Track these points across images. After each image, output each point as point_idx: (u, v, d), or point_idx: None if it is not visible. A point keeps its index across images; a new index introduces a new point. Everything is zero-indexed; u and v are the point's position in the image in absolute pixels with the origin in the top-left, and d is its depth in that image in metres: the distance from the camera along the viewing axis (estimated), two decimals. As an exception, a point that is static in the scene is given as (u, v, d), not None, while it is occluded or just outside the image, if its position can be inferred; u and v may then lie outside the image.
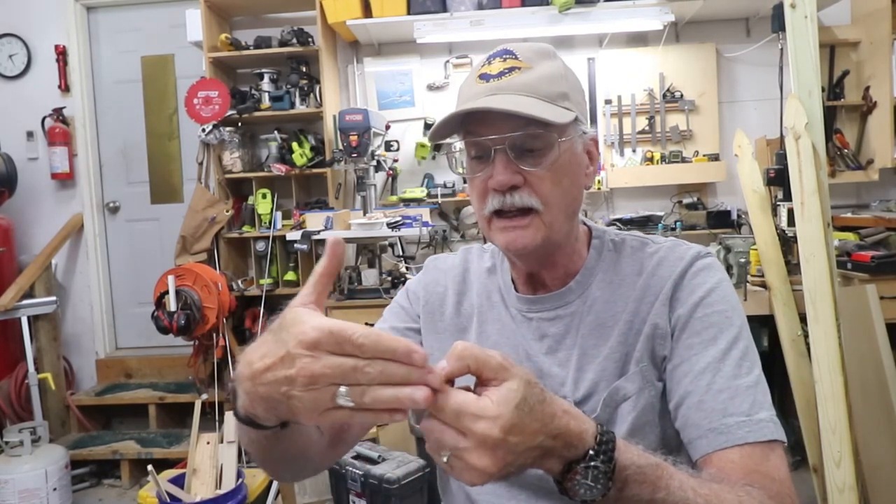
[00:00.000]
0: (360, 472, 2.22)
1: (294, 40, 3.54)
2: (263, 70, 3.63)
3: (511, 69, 0.82)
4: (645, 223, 3.48)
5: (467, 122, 0.83)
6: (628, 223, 3.51)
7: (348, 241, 3.47)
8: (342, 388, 0.54)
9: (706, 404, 0.78)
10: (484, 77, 0.83)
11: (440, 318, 0.99)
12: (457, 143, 0.87)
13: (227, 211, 3.60)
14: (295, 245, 3.31)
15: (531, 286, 0.93)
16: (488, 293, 0.97)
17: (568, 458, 0.60)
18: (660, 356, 0.84)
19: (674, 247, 0.90)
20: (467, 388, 0.58)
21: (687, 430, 0.79)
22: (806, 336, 2.50)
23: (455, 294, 0.99)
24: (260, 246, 3.60)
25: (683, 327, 0.83)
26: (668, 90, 3.60)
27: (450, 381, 0.57)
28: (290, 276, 3.65)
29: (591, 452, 0.60)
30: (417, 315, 1.01)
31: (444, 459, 0.57)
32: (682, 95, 3.59)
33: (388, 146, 3.58)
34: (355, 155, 3.18)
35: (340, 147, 3.26)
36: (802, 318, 2.45)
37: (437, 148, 3.64)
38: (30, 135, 3.95)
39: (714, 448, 0.76)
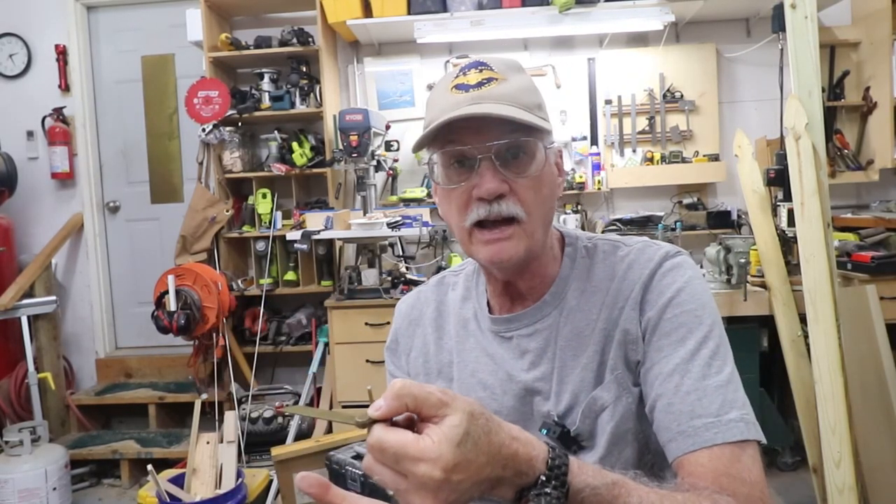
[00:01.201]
0: (360, 472, 2.22)
1: (294, 40, 3.54)
2: (263, 70, 3.63)
3: (489, 80, 0.81)
4: (645, 223, 3.49)
5: (448, 132, 0.81)
6: (628, 223, 3.51)
7: (348, 240, 3.48)
8: None
9: (674, 406, 0.77)
10: (461, 87, 0.81)
11: (425, 361, 0.98)
12: (435, 156, 0.85)
13: (227, 211, 3.60)
14: (295, 245, 3.31)
15: (508, 300, 0.92)
16: (464, 322, 0.96)
17: (519, 486, 0.59)
18: (633, 361, 0.84)
19: (643, 248, 0.89)
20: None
21: (660, 433, 0.79)
22: (806, 336, 2.50)
23: (434, 330, 0.99)
24: (260, 246, 3.60)
25: (653, 330, 0.82)
26: (668, 90, 3.60)
27: (390, 421, 0.57)
28: (290, 275, 3.65)
29: (542, 478, 0.59)
30: (407, 372, 1.01)
31: (391, 494, 0.57)
32: (682, 96, 3.59)
33: (388, 146, 3.58)
34: (355, 155, 3.18)
35: (340, 147, 3.26)
36: (802, 319, 2.45)
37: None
38: (30, 134, 3.95)
39: (683, 451, 0.75)
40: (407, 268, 3.42)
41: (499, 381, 0.90)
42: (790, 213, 2.68)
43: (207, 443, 2.61)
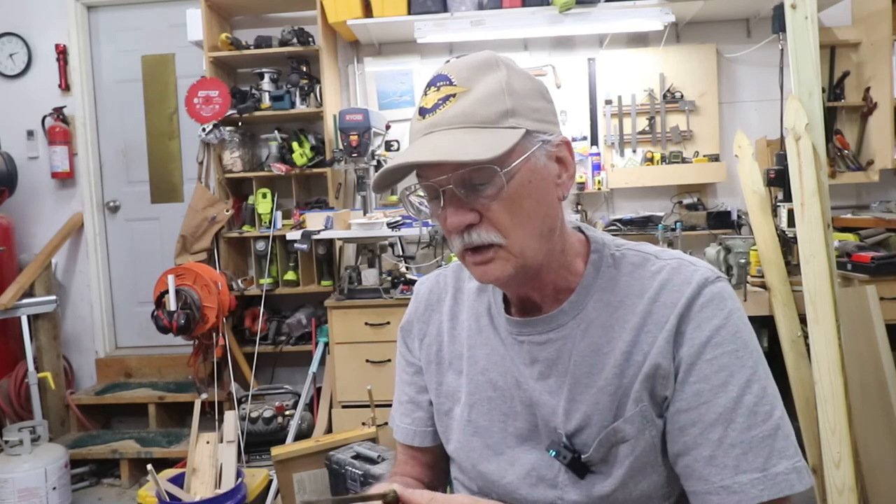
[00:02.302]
0: (360, 472, 2.22)
1: (294, 40, 3.54)
2: (264, 70, 3.63)
3: (446, 98, 0.76)
4: (645, 224, 3.49)
5: (416, 167, 0.78)
6: (628, 223, 3.51)
7: (348, 240, 3.48)
8: None
9: (717, 460, 0.73)
10: (421, 112, 0.78)
11: (438, 350, 0.96)
12: (407, 191, 0.83)
13: (227, 210, 3.60)
14: (295, 245, 3.31)
15: (523, 307, 0.88)
16: (477, 315, 0.92)
17: None
18: (661, 395, 0.78)
19: (679, 267, 0.81)
20: None
21: (692, 481, 0.76)
22: (806, 337, 2.50)
23: (449, 318, 0.95)
24: (260, 245, 3.60)
25: (689, 369, 0.76)
26: (668, 91, 3.60)
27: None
28: (289, 275, 3.65)
29: None
30: (417, 357, 0.99)
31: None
32: (682, 96, 3.59)
33: (388, 146, 3.58)
34: (355, 155, 3.18)
35: (341, 147, 3.26)
36: (802, 319, 2.45)
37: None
38: (30, 134, 3.95)
39: None
40: (407, 268, 3.42)
41: (508, 385, 0.87)
42: (790, 213, 2.68)
43: (207, 442, 2.61)
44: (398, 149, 3.62)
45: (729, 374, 0.75)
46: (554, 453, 0.81)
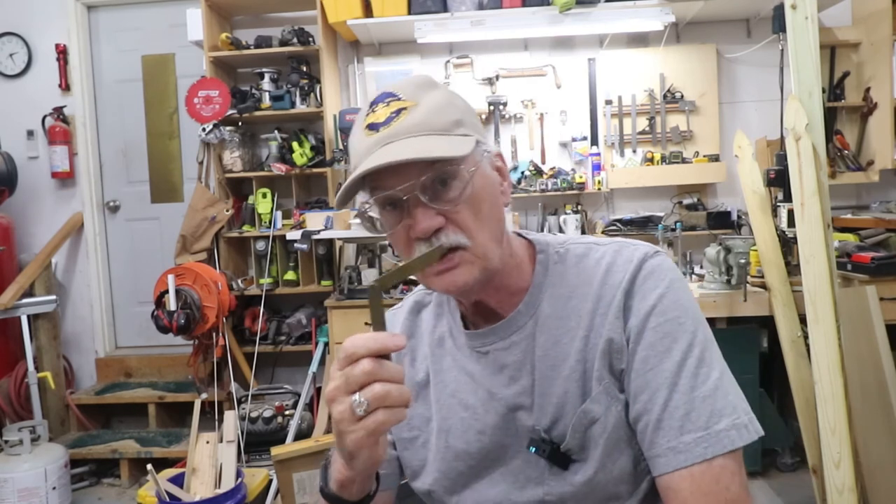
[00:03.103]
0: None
1: (295, 40, 3.54)
2: (264, 69, 3.63)
3: (398, 111, 0.77)
4: (645, 224, 3.49)
5: (370, 178, 0.78)
6: (628, 224, 3.51)
7: (348, 240, 3.48)
8: (355, 398, 0.65)
9: (664, 423, 0.77)
10: (372, 127, 0.78)
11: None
12: (366, 205, 0.82)
13: (228, 210, 3.60)
14: (295, 245, 3.31)
15: (482, 317, 0.89)
16: (439, 340, 0.93)
17: None
18: (618, 369, 0.82)
19: (620, 249, 0.86)
20: None
21: (646, 446, 0.79)
22: (806, 337, 2.50)
23: (408, 352, 0.95)
24: (260, 245, 3.60)
25: (637, 339, 0.80)
26: (668, 91, 3.60)
27: None
28: (289, 275, 3.65)
29: None
30: None
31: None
32: (682, 96, 3.59)
33: (388, 146, 3.57)
34: (355, 155, 3.17)
35: (341, 147, 3.26)
36: (802, 319, 2.45)
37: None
38: (30, 133, 3.95)
39: (674, 468, 0.75)
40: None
41: (480, 401, 0.87)
42: (790, 213, 2.68)
43: (207, 442, 2.61)
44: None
45: (672, 339, 0.79)
46: (534, 449, 0.83)
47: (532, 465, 0.85)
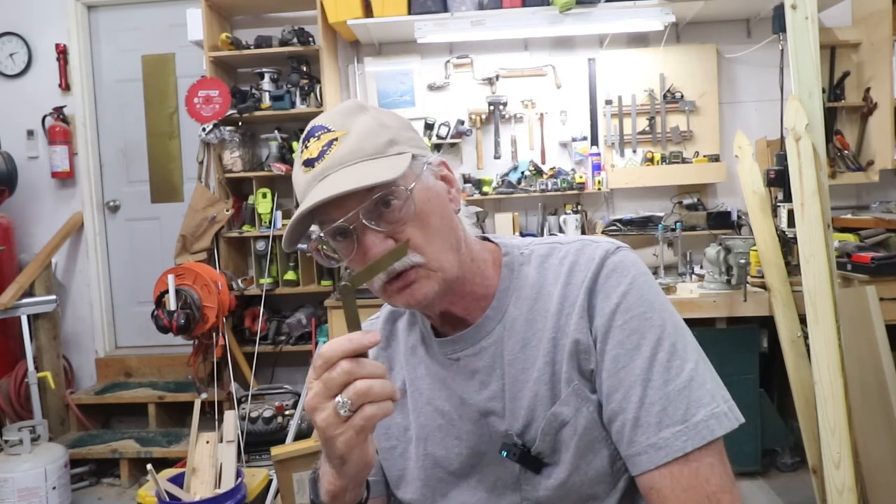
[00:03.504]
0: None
1: (295, 40, 3.54)
2: (264, 69, 3.63)
3: (329, 143, 0.78)
4: (645, 224, 3.49)
5: (317, 212, 0.78)
6: (628, 224, 3.51)
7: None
8: (337, 400, 0.65)
9: (641, 420, 0.76)
10: (308, 163, 0.79)
11: None
12: (314, 241, 0.83)
13: (228, 210, 3.60)
14: (295, 244, 3.30)
15: (450, 324, 0.89)
16: (412, 349, 0.94)
17: None
18: (587, 370, 0.81)
19: (582, 248, 0.86)
20: None
21: (624, 446, 0.78)
22: (806, 337, 2.50)
23: (385, 361, 0.95)
24: (260, 245, 3.61)
25: (605, 338, 0.80)
26: (668, 91, 3.60)
27: None
28: (289, 275, 3.65)
29: None
30: None
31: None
32: (682, 96, 3.59)
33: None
34: (355, 155, 3.18)
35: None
36: (802, 320, 2.45)
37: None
38: (30, 133, 3.95)
39: (656, 464, 0.75)
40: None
41: (454, 407, 0.87)
42: (790, 213, 2.68)
43: (207, 442, 2.61)
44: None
45: (640, 335, 0.78)
46: (505, 453, 0.83)
47: (507, 471, 0.85)
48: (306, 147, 0.80)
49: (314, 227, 0.82)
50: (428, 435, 0.90)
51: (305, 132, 0.82)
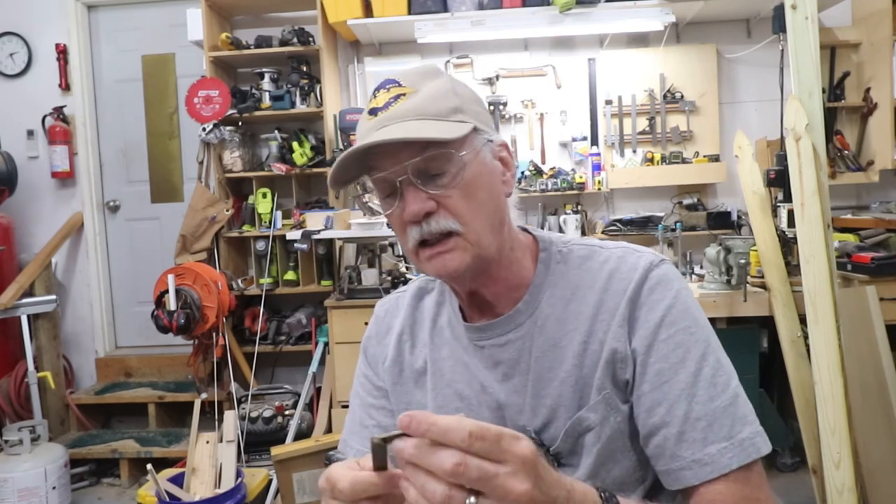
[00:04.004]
0: (360, 472, 2.21)
1: (295, 40, 3.54)
2: (264, 69, 3.63)
3: (396, 97, 0.79)
4: (645, 224, 3.49)
5: (367, 160, 0.79)
6: (628, 224, 3.51)
7: (348, 240, 3.48)
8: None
9: (686, 435, 0.75)
10: (372, 112, 0.80)
11: (400, 370, 0.95)
12: (361, 190, 0.85)
13: (228, 210, 3.60)
14: (295, 244, 3.31)
15: (478, 309, 0.89)
16: (439, 329, 0.93)
17: None
18: (622, 380, 0.80)
19: (624, 255, 0.85)
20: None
21: (664, 460, 0.77)
22: (806, 337, 2.50)
23: (409, 337, 0.95)
24: (260, 245, 3.60)
25: (648, 351, 0.79)
26: (668, 91, 3.60)
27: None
28: (289, 275, 3.64)
29: None
30: (382, 380, 0.97)
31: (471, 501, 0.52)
32: (682, 96, 3.59)
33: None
34: (356, 154, 3.17)
35: (341, 146, 3.26)
36: (802, 320, 2.45)
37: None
38: (30, 133, 3.95)
39: (700, 480, 0.74)
40: (407, 267, 3.42)
41: (474, 393, 0.87)
42: (790, 213, 2.68)
43: (207, 442, 2.61)
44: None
45: (685, 350, 0.78)
46: None
47: None
48: (374, 97, 0.81)
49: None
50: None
51: (378, 84, 0.82)
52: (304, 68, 3.64)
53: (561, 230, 3.52)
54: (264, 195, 3.62)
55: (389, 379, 0.96)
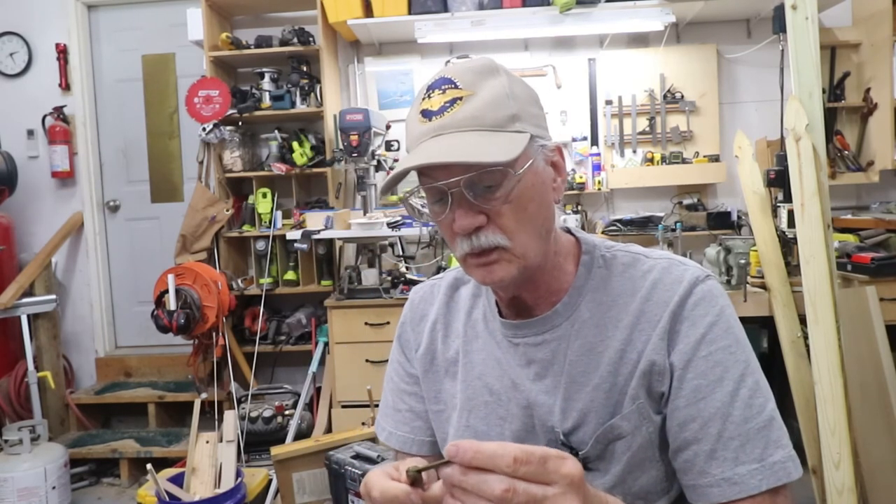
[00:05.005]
0: (360, 472, 2.22)
1: (295, 39, 3.54)
2: (264, 69, 3.63)
3: (452, 101, 0.76)
4: (645, 224, 3.49)
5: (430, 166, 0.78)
6: (628, 224, 3.51)
7: (348, 240, 3.48)
8: None
9: (717, 453, 0.75)
10: (426, 114, 0.77)
11: (432, 358, 0.96)
12: (413, 195, 0.83)
13: (228, 210, 3.60)
14: (295, 244, 3.31)
15: (515, 309, 0.88)
16: (473, 321, 0.93)
17: None
18: (658, 392, 0.80)
19: (669, 267, 0.84)
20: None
21: (692, 475, 0.77)
22: (806, 337, 2.50)
23: (443, 327, 0.96)
24: (260, 245, 3.60)
25: (686, 366, 0.78)
26: (668, 91, 3.60)
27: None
28: (289, 275, 3.64)
29: None
30: (414, 367, 0.98)
31: None
32: (682, 96, 3.59)
33: (388, 146, 3.58)
34: (356, 155, 3.18)
35: (341, 147, 3.26)
36: (802, 320, 2.45)
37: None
38: (30, 133, 3.95)
39: (728, 499, 0.74)
40: (407, 268, 3.42)
41: (504, 388, 0.87)
42: (790, 214, 2.68)
43: (207, 442, 2.61)
44: (398, 149, 3.62)
45: (724, 369, 0.78)
46: None
47: None
48: (429, 97, 0.78)
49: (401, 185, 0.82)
50: (473, 408, 0.90)
51: (431, 80, 0.79)
52: (304, 68, 3.64)
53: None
54: (264, 195, 3.62)
55: (421, 367, 0.97)
